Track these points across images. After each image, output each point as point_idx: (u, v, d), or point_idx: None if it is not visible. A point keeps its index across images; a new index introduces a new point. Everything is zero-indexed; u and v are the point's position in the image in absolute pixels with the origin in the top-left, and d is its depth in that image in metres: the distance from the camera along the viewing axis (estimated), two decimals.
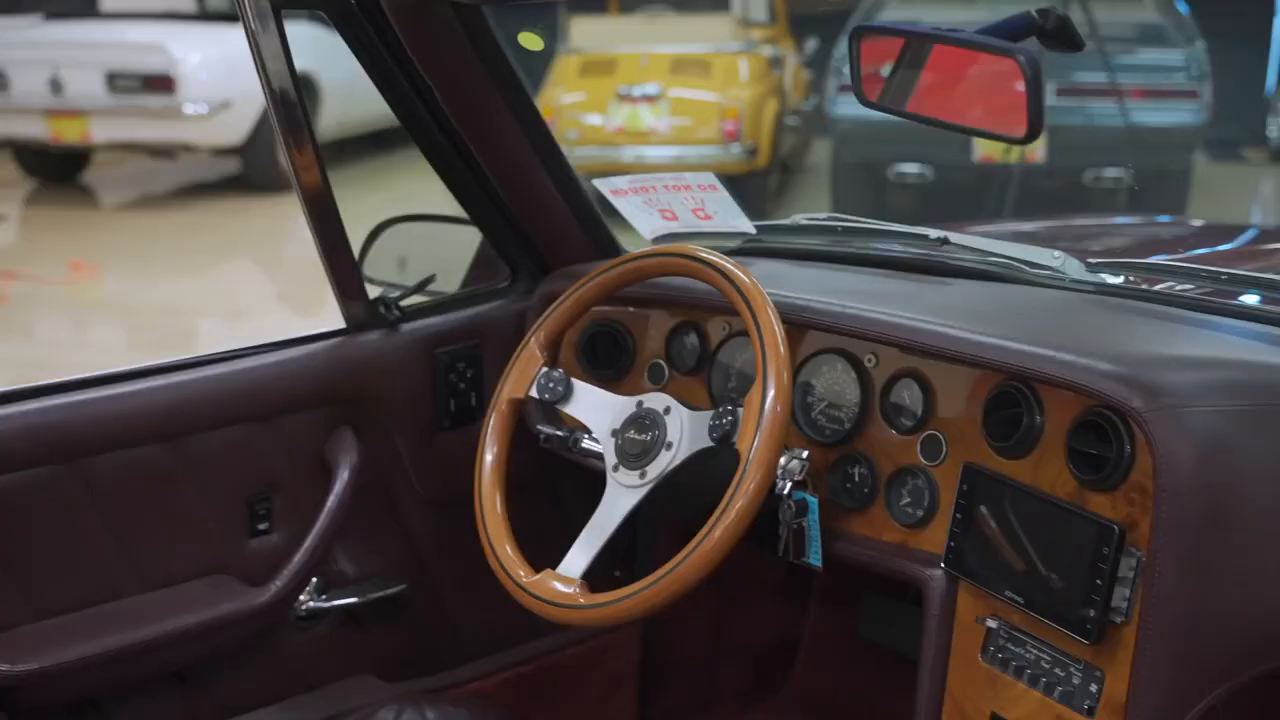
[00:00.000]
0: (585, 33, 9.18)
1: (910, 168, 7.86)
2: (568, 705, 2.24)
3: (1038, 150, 7.68)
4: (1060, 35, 1.22)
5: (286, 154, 1.77)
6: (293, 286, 7.41)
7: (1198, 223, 6.18)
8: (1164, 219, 5.28)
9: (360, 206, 2.12)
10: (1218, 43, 8.26)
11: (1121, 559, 1.39)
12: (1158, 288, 1.77)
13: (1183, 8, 8.56)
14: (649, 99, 8.46)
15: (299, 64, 1.74)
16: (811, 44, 10.32)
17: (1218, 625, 1.33)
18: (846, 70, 8.70)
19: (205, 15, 10.00)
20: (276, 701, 1.92)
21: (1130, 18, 8.28)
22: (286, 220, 8.57)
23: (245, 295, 7.53)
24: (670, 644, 2.37)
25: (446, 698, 1.82)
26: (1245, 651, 1.33)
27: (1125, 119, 7.62)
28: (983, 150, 7.71)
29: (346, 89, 8.88)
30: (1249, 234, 3.06)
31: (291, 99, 1.74)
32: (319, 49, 8.96)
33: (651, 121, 8.43)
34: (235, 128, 8.99)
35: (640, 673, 2.33)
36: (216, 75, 8.77)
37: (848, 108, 8.01)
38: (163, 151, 9.66)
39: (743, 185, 8.00)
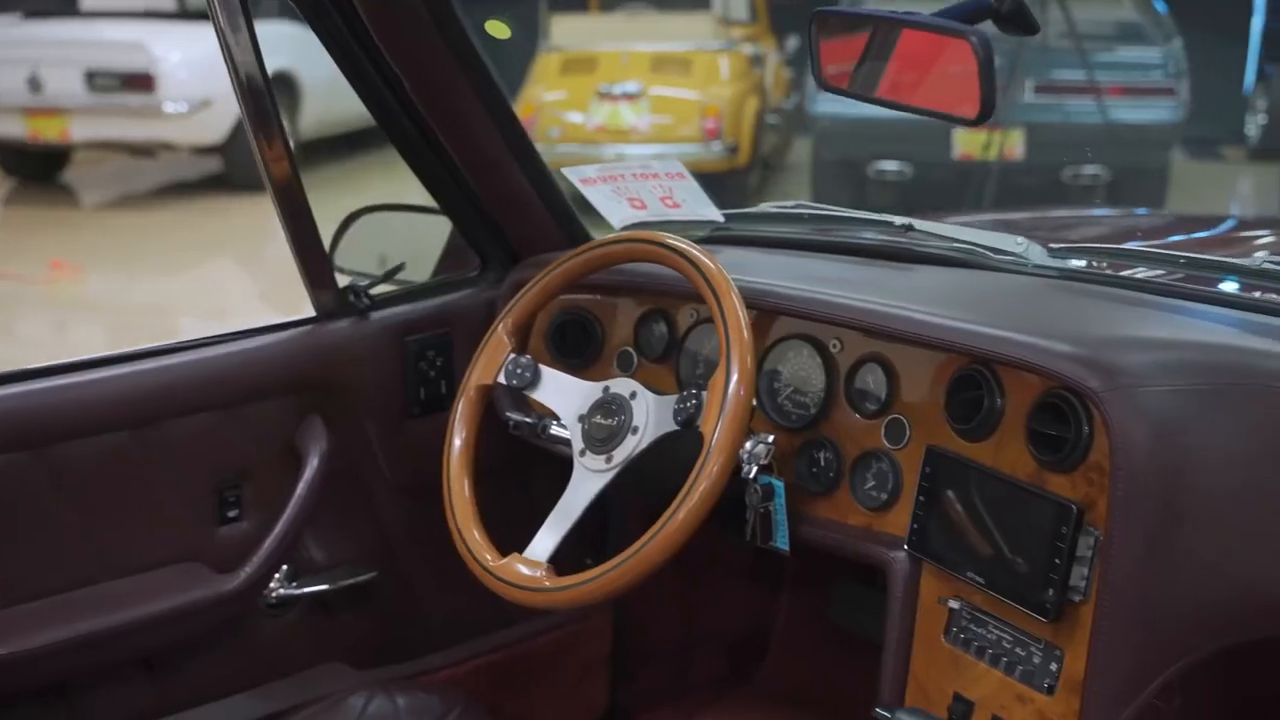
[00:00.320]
0: (566, 31, 9.20)
1: (890, 165, 7.90)
2: (539, 693, 2.25)
3: (1016, 147, 7.74)
4: (1015, 19, 1.23)
5: (256, 146, 1.77)
6: (274, 286, 7.40)
7: (1176, 214, 6.23)
8: (1141, 211, 5.32)
9: (339, 208, 2.13)
10: (1196, 41, 8.31)
11: (1080, 538, 1.40)
12: (1119, 273, 1.78)
13: (1160, 6, 8.62)
14: (630, 97, 8.48)
15: (280, 63, 1.76)
16: (793, 42, 10.35)
17: (1174, 602, 1.35)
18: None
19: (185, 14, 9.98)
20: (247, 689, 1.92)
21: (1108, 16, 8.33)
22: (268, 219, 8.50)
23: (227, 294, 7.52)
24: (642, 631, 2.38)
25: (417, 684, 1.82)
26: (1201, 628, 1.35)
27: (1103, 116, 7.67)
28: (962, 148, 7.75)
29: (328, 87, 8.89)
30: (1226, 225, 3.08)
31: (260, 91, 1.75)
32: (299, 48, 8.94)
33: (632, 119, 8.45)
34: (216, 126, 8.97)
35: (612, 660, 2.34)
36: (196, 74, 8.75)
37: (828, 105, 8.04)
38: (143, 150, 9.64)
39: (723, 183, 8.03)
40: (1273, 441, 1.32)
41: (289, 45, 8.47)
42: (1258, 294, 1.67)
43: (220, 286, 7.70)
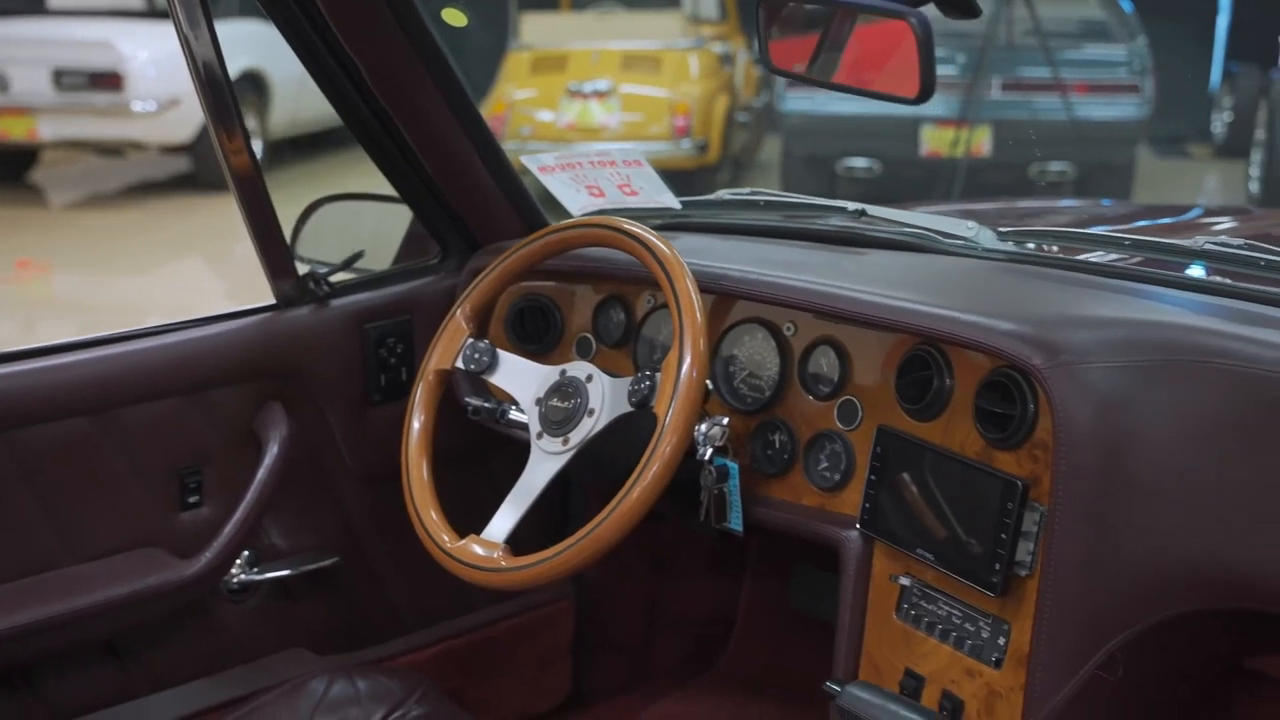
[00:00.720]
0: (536, 29, 9.22)
1: (859, 162, 7.95)
2: (501, 679, 2.27)
3: (984, 144, 7.79)
4: (956, 1, 1.25)
5: (215, 138, 1.78)
6: (243, 285, 7.38)
7: (1142, 205, 6.27)
8: (1106, 202, 5.36)
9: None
10: (1162, 40, 8.39)
11: (1025, 514, 1.43)
12: (1066, 255, 1.81)
13: (1126, 4, 8.69)
14: (600, 95, 8.50)
15: (249, 62, 1.77)
16: None
17: (1116, 575, 1.37)
18: None
19: (153, 13, 9.94)
20: (210, 674, 1.93)
21: (1073, 14, 8.41)
22: (236, 219, 8.48)
23: (196, 294, 7.49)
24: (604, 620, 2.40)
25: (379, 669, 1.84)
26: (1143, 600, 1.37)
27: (1069, 113, 7.74)
28: (930, 145, 7.81)
29: (299, 86, 8.88)
30: (1189, 214, 3.11)
31: (219, 83, 1.75)
32: (267, 46, 8.89)
33: (602, 117, 8.48)
34: (184, 125, 8.94)
35: (574, 647, 2.36)
36: (165, 72, 8.72)
37: (797, 103, 8.09)
38: (111, 149, 9.60)
39: (693, 180, 8.06)
40: (1211, 416, 1.35)
41: (252, 45, 8.51)
42: (1199, 274, 1.71)
43: (189, 285, 7.67)
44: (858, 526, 1.61)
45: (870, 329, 1.63)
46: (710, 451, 1.65)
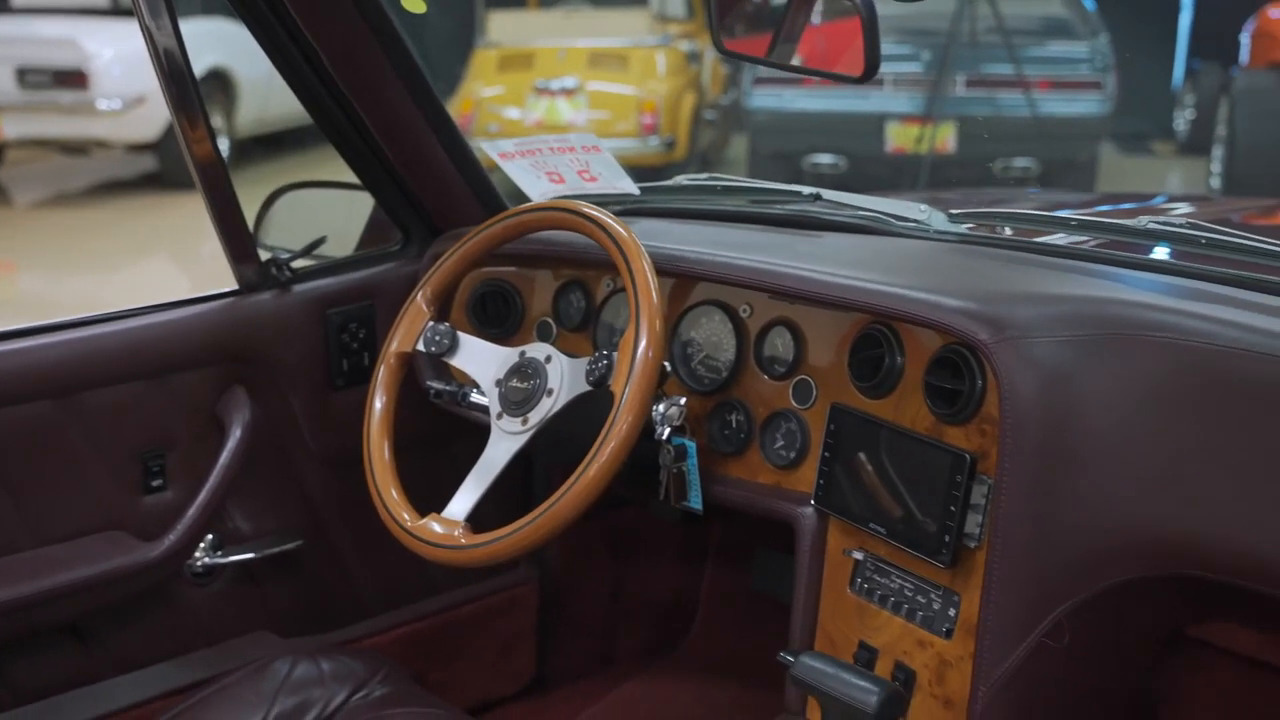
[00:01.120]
0: (503, 27, 9.24)
1: (824, 158, 8.00)
2: (464, 661, 2.29)
3: (948, 141, 7.86)
4: None
5: (179, 126, 1.80)
6: (209, 283, 7.36)
7: (1103, 194, 6.34)
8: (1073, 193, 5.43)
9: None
10: (1126, 39, 8.48)
11: (974, 486, 1.46)
12: (1018, 237, 1.85)
13: (1089, 3, 8.78)
14: (567, 92, 8.53)
15: (216, 60, 1.78)
16: None
17: (1061, 544, 1.41)
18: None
19: (117, 11, 9.90)
20: (174, 656, 1.95)
21: (1036, 11, 8.49)
22: (203, 217, 8.46)
23: (162, 292, 7.44)
24: (569, 604, 2.42)
25: (343, 651, 1.85)
26: (1088, 568, 1.41)
27: (1032, 110, 7.81)
28: (895, 141, 7.87)
29: (266, 84, 8.87)
30: (1153, 200, 3.15)
31: (182, 74, 1.77)
32: (233, 44, 8.83)
33: (570, 114, 8.50)
34: (150, 123, 8.90)
35: (538, 631, 2.38)
36: (130, 70, 8.69)
37: (764, 100, 8.14)
38: (76, 148, 9.55)
39: (661, 177, 8.06)
40: (1152, 389, 1.38)
41: (224, 42, 8.48)
42: (1143, 254, 1.75)
43: (155, 283, 7.64)
44: (812, 503, 1.64)
45: (823, 309, 1.66)
46: (668, 431, 1.68)
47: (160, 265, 8.15)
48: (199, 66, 8.77)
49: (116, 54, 8.81)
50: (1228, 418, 1.33)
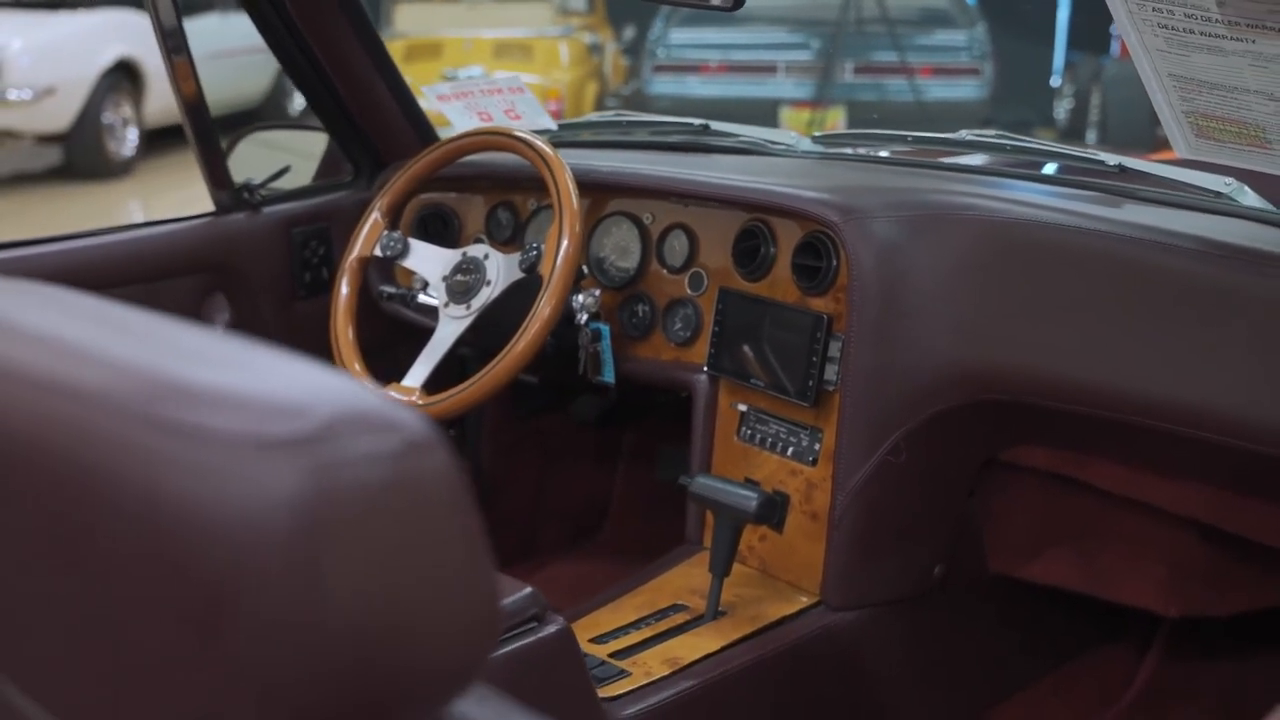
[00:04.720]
0: (409, 17, 9.52)
1: None
2: None
3: (839, 124, 8.32)
4: None
5: (166, 63, 2.11)
6: None
7: None
8: None
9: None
10: (1008, 31, 9.03)
11: (830, 342, 1.85)
12: (867, 153, 2.26)
13: None
14: None
15: (124, 50, 2.05)
16: (629, 32, 10.84)
17: (896, 381, 1.80)
18: (660, 52, 9.17)
19: (26, 3, 9.99)
20: None
21: (918, 2, 9.02)
22: (113, 208, 8.62)
23: None
24: (497, 504, 2.76)
25: None
26: (917, 399, 1.80)
27: (916, 95, 8.32)
28: (787, 125, 8.31)
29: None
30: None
31: (170, 14, 2.08)
32: (140, 36, 8.90)
33: None
34: (60, 114, 9.01)
35: None
36: (40, 61, 8.80)
37: (663, 87, 8.56)
38: None
39: None
40: (964, 254, 1.78)
41: (133, 33, 8.66)
42: (964, 160, 2.17)
43: None
44: (705, 369, 2.01)
45: (712, 209, 2.03)
46: (586, 317, 2.05)
47: None
48: (107, 57, 8.98)
49: (25, 44, 8.90)
50: (1015, 272, 1.74)
